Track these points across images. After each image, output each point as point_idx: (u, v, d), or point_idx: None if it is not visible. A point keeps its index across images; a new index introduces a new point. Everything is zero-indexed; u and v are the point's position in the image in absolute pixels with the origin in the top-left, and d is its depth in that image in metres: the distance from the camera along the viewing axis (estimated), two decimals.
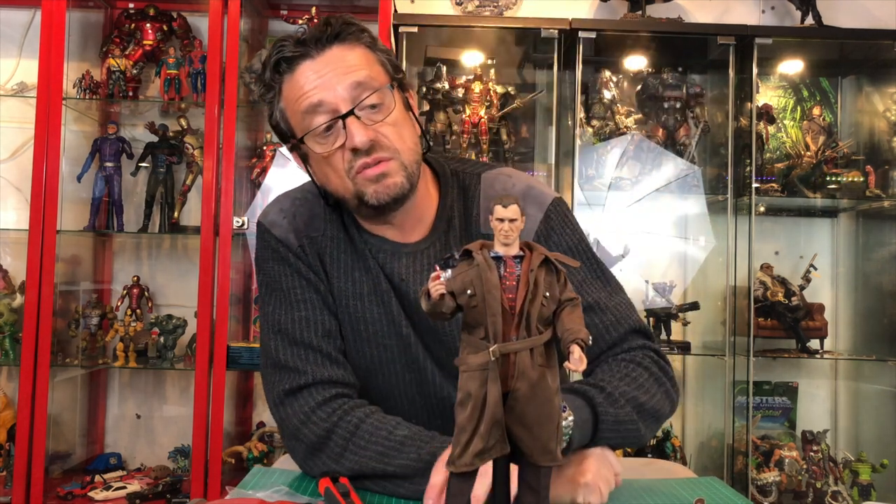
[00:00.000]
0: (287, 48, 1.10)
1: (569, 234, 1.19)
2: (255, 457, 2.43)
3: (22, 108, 2.68)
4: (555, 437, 0.70)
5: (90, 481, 2.44)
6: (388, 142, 1.10)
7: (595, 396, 1.03)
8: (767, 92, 2.83)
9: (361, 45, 1.12)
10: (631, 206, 2.60)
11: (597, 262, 1.20)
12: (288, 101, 1.12)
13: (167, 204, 2.60)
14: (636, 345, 1.15)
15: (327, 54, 1.10)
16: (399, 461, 1.03)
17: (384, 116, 1.10)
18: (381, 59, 1.14)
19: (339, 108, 1.08)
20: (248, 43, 2.57)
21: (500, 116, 2.61)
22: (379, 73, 1.12)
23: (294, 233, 1.21)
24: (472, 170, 1.24)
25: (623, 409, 1.05)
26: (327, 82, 1.08)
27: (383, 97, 1.10)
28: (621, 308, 1.17)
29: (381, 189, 1.10)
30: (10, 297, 2.57)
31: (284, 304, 1.19)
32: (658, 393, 1.11)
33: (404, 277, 1.17)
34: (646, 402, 1.08)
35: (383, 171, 1.09)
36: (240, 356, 2.36)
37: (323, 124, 1.09)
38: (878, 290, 2.74)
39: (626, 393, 1.06)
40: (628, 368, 1.11)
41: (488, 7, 2.81)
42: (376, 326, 1.19)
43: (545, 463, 0.70)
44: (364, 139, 1.07)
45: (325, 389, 1.12)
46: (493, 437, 0.69)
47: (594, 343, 1.14)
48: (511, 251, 0.70)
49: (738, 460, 2.54)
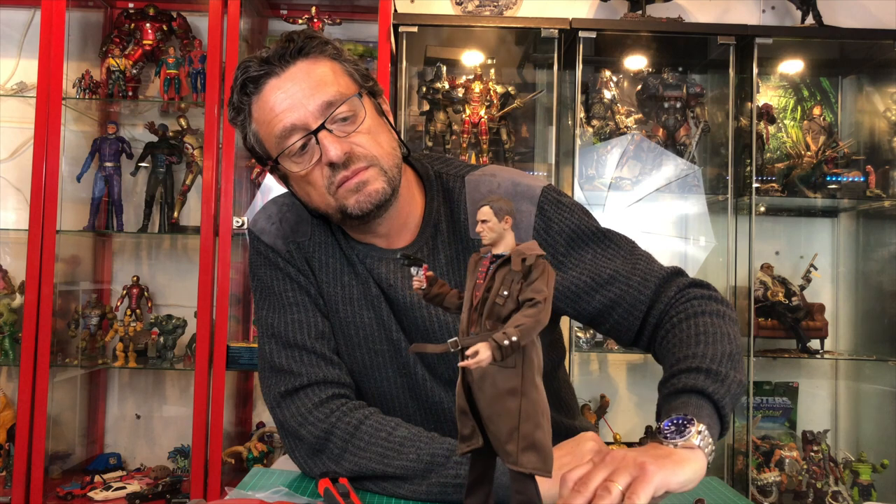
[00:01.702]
0: (252, 68, 1.09)
1: (567, 219, 1.17)
2: (254, 457, 2.42)
3: (22, 108, 2.69)
4: (515, 440, 0.69)
5: (90, 481, 2.44)
6: (364, 150, 1.09)
7: (699, 381, 0.98)
8: (768, 92, 2.83)
9: (326, 58, 1.11)
10: (631, 206, 2.60)
11: (602, 234, 1.18)
12: (259, 123, 1.11)
13: (167, 204, 2.60)
14: (673, 292, 1.13)
15: (292, 70, 1.08)
16: (399, 462, 1.02)
17: (356, 126, 1.09)
18: (348, 70, 1.13)
19: (310, 125, 1.07)
20: (248, 43, 2.56)
21: (500, 116, 2.61)
22: (347, 84, 1.11)
23: (282, 238, 1.21)
24: (456, 172, 1.23)
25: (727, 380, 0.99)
26: (296, 101, 1.07)
27: (354, 107, 1.09)
28: (641, 265, 1.15)
29: (363, 198, 1.09)
30: (10, 297, 2.57)
31: (277, 308, 1.19)
32: (730, 330, 1.08)
33: (392, 283, 1.16)
34: (733, 351, 1.04)
35: (363, 180, 1.09)
36: (239, 356, 2.36)
37: (296, 143, 1.08)
38: (879, 290, 2.74)
39: (716, 356, 1.01)
40: (692, 327, 1.07)
41: (488, 7, 2.81)
42: (367, 331, 1.18)
43: (508, 464, 0.69)
44: (339, 152, 1.06)
45: (321, 390, 1.12)
46: (467, 426, 0.71)
47: (634, 309, 1.13)
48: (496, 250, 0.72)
49: (738, 460, 2.54)
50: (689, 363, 1.01)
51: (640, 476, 0.82)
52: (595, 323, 1.19)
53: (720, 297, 1.14)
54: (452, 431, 1.05)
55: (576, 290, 1.15)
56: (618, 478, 0.82)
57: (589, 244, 1.17)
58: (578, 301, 1.16)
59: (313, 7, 2.53)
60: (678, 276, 1.17)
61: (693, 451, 0.89)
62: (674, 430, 0.91)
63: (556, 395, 1.32)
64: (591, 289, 1.14)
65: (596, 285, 1.14)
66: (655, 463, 0.84)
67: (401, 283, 1.16)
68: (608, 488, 0.81)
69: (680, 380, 1.01)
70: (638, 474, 0.83)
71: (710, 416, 0.96)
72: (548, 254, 1.15)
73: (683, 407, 0.95)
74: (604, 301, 1.14)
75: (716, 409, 0.97)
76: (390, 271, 1.17)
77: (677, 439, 0.89)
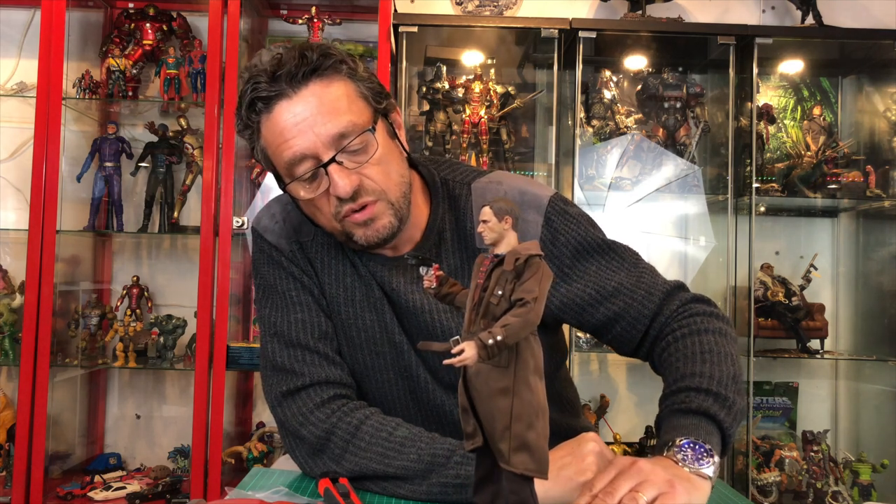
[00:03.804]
0: (262, 87, 1.04)
1: (574, 231, 1.16)
2: (254, 457, 2.42)
3: (22, 108, 2.68)
4: (506, 440, 0.69)
5: (90, 481, 2.44)
6: (373, 184, 1.07)
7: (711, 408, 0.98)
8: (768, 92, 2.83)
9: (341, 78, 1.06)
10: (631, 206, 2.60)
11: (608, 246, 1.18)
12: (268, 142, 1.08)
13: (167, 204, 2.60)
14: (675, 306, 1.13)
15: (304, 93, 1.04)
16: (399, 462, 1.02)
17: (368, 157, 1.06)
18: (363, 91, 1.08)
19: (321, 156, 1.04)
20: (247, 43, 2.56)
21: (500, 116, 2.61)
22: (360, 109, 1.07)
23: (285, 237, 1.21)
24: (462, 178, 1.21)
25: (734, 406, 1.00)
26: (307, 129, 1.03)
27: (366, 139, 1.06)
28: (645, 278, 1.15)
29: (371, 233, 1.09)
30: (10, 297, 2.56)
31: (280, 307, 1.19)
32: (731, 349, 1.07)
33: (395, 286, 1.16)
34: (736, 373, 1.04)
35: (370, 216, 1.08)
36: (239, 356, 2.36)
37: (306, 174, 1.05)
38: (879, 291, 2.74)
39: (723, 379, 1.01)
40: (696, 344, 1.07)
41: (488, 7, 2.81)
42: (369, 333, 1.18)
43: (500, 462, 0.70)
44: (347, 189, 1.04)
45: (322, 391, 1.12)
46: (469, 424, 0.71)
47: (637, 323, 1.13)
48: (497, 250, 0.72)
49: (738, 460, 2.54)
50: (698, 382, 1.01)
51: (669, 493, 0.84)
52: (598, 334, 1.19)
53: (721, 315, 1.14)
54: (453, 434, 1.05)
55: (580, 302, 1.15)
56: (645, 490, 0.83)
57: (594, 256, 1.16)
58: (582, 313, 1.16)
59: (313, 7, 2.53)
60: (681, 291, 1.17)
61: (704, 481, 0.90)
62: (691, 456, 0.91)
63: (558, 396, 1.32)
64: (596, 301, 1.14)
65: (601, 297, 1.14)
66: (682, 485, 0.85)
67: (404, 286, 1.16)
68: (635, 499, 0.82)
69: (690, 398, 1.00)
70: (667, 490, 0.84)
71: (718, 444, 0.96)
72: (553, 265, 1.15)
73: (695, 430, 0.95)
74: (607, 314, 1.14)
75: (722, 437, 0.98)
76: (393, 275, 1.16)
77: (696, 465, 0.90)
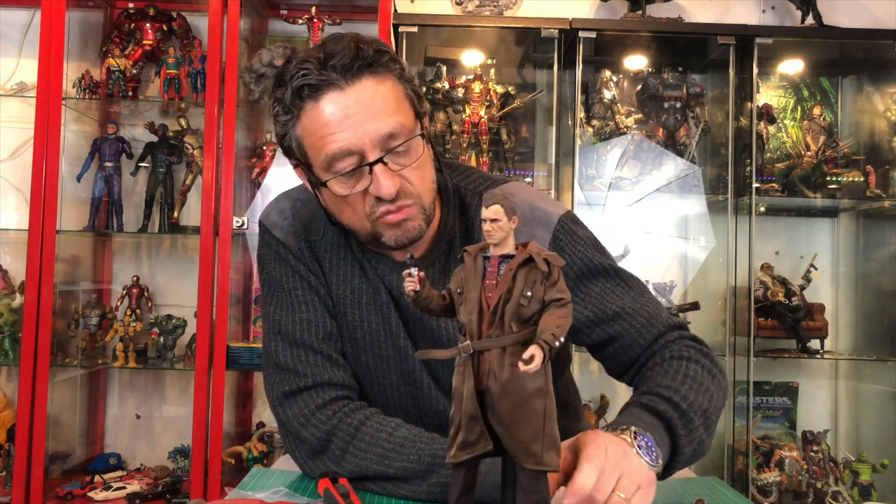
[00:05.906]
0: (312, 73, 1.00)
1: (580, 253, 1.14)
2: (254, 457, 2.42)
3: (22, 108, 2.68)
4: (540, 440, 0.69)
5: (90, 481, 2.44)
6: (412, 188, 1.06)
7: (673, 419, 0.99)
8: (768, 92, 2.83)
9: (392, 78, 1.05)
10: (631, 206, 2.60)
11: (615, 270, 1.16)
12: (307, 131, 1.04)
13: (167, 204, 2.60)
14: (672, 337, 1.12)
15: (357, 86, 1.01)
16: (399, 463, 1.02)
17: (412, 161, 1.05)
18: (409, 93, 1.07)
19: (367, 154, 1.02)
20: (247, 43, 2.56)
21: (500, 116, 2.61)
22: (406, 111, 1.06)
23: (294, 235, 1.19)
24: (474, 187, 1.19)
25: (695, 433, 1.01)
26: (356, 125, 1.01)
27: (415, 143, 1.05)
28: (649, 308, 1.14)
29: (402, 234, 1.08)
30: (10, 297, 2.56)
31: (286, 306, 1.18)
32: (715, 390, 1.07)
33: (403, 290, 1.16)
34: (710, 409, 1.04)
35: (405, 217, 1.06)
36: (239, 356, 2.36)
37: (348, 169, 1.03)
38: (879, 290, 2.74)
39: (694, 404, 1.02)
40: (682, 367, 1.06)
41: (488, 7, 2.81)
42: (374, 336, 1.17)
43: (529, 465, 0.69)
44: (391, 190, 1.02)
45: (325, 392, 1.12)
46: (474, 432, 0.70)
47: (630, 349, 1.12)
48: (500, 250, 0.70)
49: (738, 460, 2.54)
50: (671, 395, 1.02)
51: (647, 490, 0.88)
52: (591, 350, 1.18)
53: (716, 360, 1.13)
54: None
55: (577, 325, 1.13)
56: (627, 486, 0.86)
57: (598, 279, 1.14)
58: (578, 334, 1.14)
59: (313, 7, 2.53)
60: (681, 329, 1.15)
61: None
62: (644, 450, 0.92)
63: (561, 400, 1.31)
64: (593, 323, 1.12)
65: (598, 320, 1.12)
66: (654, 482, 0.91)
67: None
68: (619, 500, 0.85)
69: (655, 401, 1.01)
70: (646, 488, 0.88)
71: (665, 455, 0.98)
72: None
73: (651, 429, 0.96)
74: (603, 336, 1.13)
75: (672, 452, 0.99)
76: (399, 281, 1.15)
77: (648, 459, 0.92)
